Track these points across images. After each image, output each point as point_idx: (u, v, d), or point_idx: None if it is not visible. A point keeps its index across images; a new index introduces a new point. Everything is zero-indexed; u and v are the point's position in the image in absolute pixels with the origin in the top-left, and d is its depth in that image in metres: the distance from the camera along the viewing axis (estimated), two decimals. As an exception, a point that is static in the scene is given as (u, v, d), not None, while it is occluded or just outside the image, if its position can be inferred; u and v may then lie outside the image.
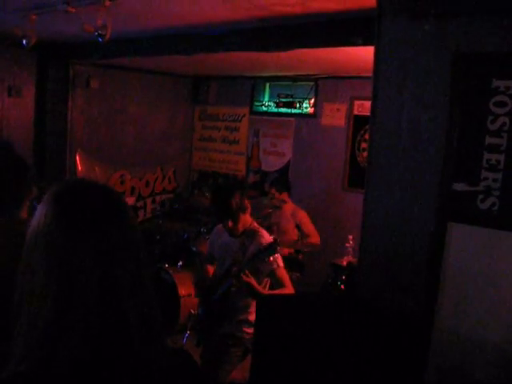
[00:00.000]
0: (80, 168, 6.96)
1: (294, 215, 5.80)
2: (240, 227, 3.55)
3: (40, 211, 1.04)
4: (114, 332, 0.99)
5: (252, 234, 3.53)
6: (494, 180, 2.39)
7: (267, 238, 3.51)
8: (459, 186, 2.47)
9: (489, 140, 2.39)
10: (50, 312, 0.97)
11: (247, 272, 3.28)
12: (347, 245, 5.36)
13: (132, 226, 1.07)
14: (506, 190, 2.37)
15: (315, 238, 5.72)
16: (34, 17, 3.88)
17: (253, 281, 3.28)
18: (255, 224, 3.65)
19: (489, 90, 2.36)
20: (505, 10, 2.30)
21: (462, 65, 2.42)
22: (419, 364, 2.58)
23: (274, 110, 7.30)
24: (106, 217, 1.03)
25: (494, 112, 2.37)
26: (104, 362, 0.97)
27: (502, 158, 2.36)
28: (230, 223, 3.55)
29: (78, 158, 6.96)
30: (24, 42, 4.02)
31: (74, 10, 3.63)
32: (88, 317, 0.97)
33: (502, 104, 2.34)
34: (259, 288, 3.32)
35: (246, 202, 3.58)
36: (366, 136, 5.80)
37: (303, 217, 5.81)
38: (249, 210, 3.61)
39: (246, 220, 3.59)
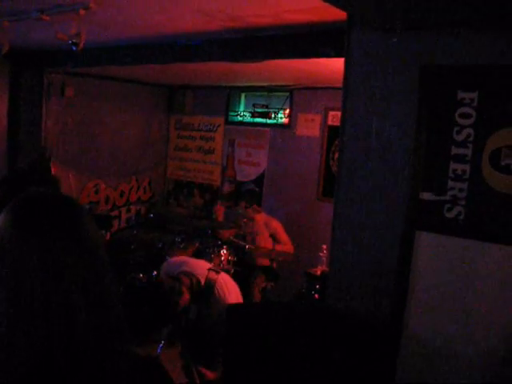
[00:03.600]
0: (54, 177, 6.90)
1: (267, 225, 5.84)
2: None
3: None
4: (61, 338, 0.99)
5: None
6: (460, 190, 2.44)
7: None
8: (426, 196, 2.52)
9: (455, 150, 2.45)
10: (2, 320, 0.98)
11: None
12: (321, 254, 5.37)
13: (86, 235, 1.10)
14: (471, 200, 2.42)
15: (288, 247, 5.77)
16: (7, 24, 3.85)
17: None
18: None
19: (454, 102, 2.42)
20: (469, 24, 2.36)
21: (429, 77, 2.48)
22: (388, 373, 2.61)
23: (250, 120, 7.32)
24: (54, 225, 1.06)
25: (459, 123, 2.42)
26: (51, 371, 0.98)
27: (467, 168, 2.42)
28: None
29: (51, 166, 6.89)
30: (-4, 49, 3.98)
31: (48, 18, 3.61)
32: (33, 323, 0.98)
33: (467, 116, 2.40)
34: None
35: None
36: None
37: (277, 226, 5.86)
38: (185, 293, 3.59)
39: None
